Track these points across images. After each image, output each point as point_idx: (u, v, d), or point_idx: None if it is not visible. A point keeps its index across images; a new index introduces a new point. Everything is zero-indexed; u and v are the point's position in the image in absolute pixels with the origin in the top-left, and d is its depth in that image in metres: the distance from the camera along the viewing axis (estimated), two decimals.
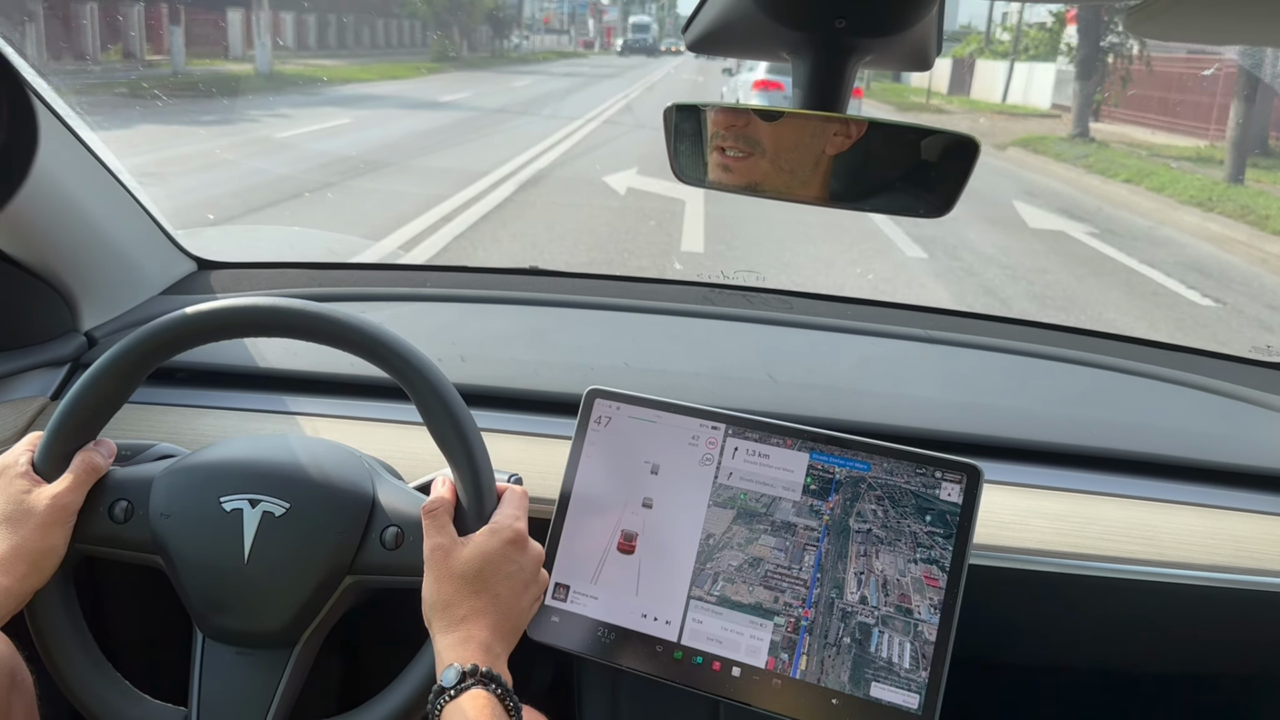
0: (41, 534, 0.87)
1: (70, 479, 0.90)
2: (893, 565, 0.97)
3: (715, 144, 0.80)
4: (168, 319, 0.93)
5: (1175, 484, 1.19)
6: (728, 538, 1.01)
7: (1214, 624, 1.16)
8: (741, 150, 0.79)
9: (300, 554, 0.92)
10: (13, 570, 0.85)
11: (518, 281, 1.60)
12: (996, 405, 1.36)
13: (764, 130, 0.77)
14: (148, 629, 1.32)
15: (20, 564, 0.86)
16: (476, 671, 0.81)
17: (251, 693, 0.93)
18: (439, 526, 0.90)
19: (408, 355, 0.92)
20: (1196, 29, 0.71)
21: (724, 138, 0.79)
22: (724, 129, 0.79)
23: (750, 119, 0.78)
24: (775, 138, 0.77)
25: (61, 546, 0.89)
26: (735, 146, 0.79)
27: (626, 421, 1.05)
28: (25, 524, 0.87)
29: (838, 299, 1.59)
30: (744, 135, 0.79)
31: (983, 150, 0.75)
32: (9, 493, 0.89)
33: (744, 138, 0.79)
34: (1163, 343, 1.52)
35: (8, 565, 0.85)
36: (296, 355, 1.32)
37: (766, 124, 0.77)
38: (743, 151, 0.79)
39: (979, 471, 0.97)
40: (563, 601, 1.02)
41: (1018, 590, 1.12)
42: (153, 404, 1.24)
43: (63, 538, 0.89)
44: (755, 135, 0.78)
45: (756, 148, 0.79)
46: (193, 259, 1.55)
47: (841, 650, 0.96)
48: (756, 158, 0.79)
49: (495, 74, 25.82)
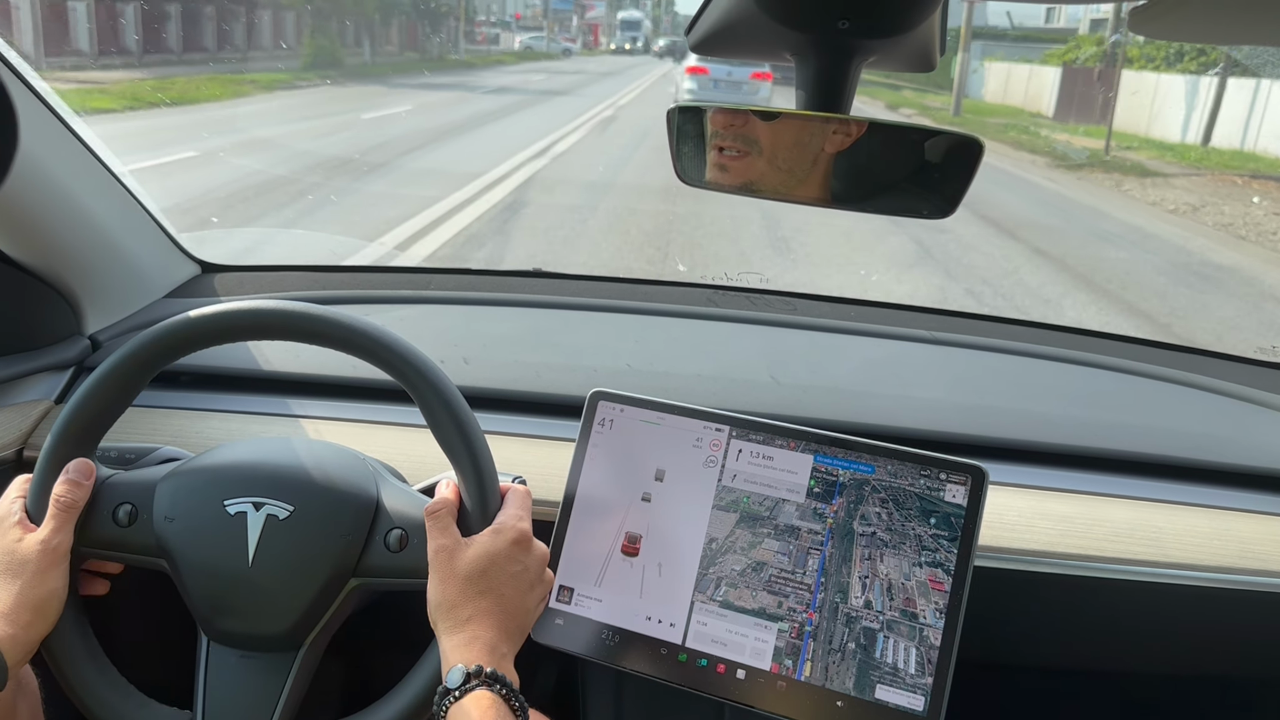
0: (39, 580, 0.88)
1: (53, 521, 0.90)
2: (897, 569, 0.96)
3: (714, 143, 0.80)
4: (172, 322, 0.93)
5: (1180, 485, 1.19)
6: (730, 542, 1.00)
7: (1219, 625, 1.15)
8: (738, 149, 0.79)
9: (304, 557, 0.92)
10: (18, 619, 0.86)
11: (521, 284, 1.60)
12: (1001, 406, 1.35)
13: (762, 129, 0.77)
14: (152, 632, 1.32)
15: (24, 613, 0.86)
16: (481, 672, 0.81)
17: (256, 696, 0.93)
18: (442, 528, 0.90)
19: (411, 358, 0.92)
20: (1200, 29, 0.71)
21: (722, 137, 0.79)
22: (722, 128, 0.79)
23: (748, 119, 0.78)
24: (773, 137, 0.77)
25: (62, 590, 0.89)
26: (732, 145, 0.79)
27: (630, 423, 1.05)
28: (22, 573, 0.87)
29: (841, 300, 1.58)
30: (741, 135, 0.78)
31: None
32: (3, 545, 0.89)
33: (741, 137, 0.79)
34: (1167, 343, 1.51)
35: (13, 615, 0.86)
36: (300, 358, 1.32)
37: (764, 123, 0.77)
38: (739, 150, 0.79)
39: (984, 473, 0.97)
40: (567, 604, 1.02)
41: (1023, 592, 1.12)
42: (157, 407, 1.24)
43: (61, 580, 0.89)
44: (752, 134, 0.78)
45: (754, 147, 0.78)
46: (196, 262, 1.55)
47: (846, 656, 0.95)
48: (753, 157, 0.79)
49: (390, 89, 17.78)
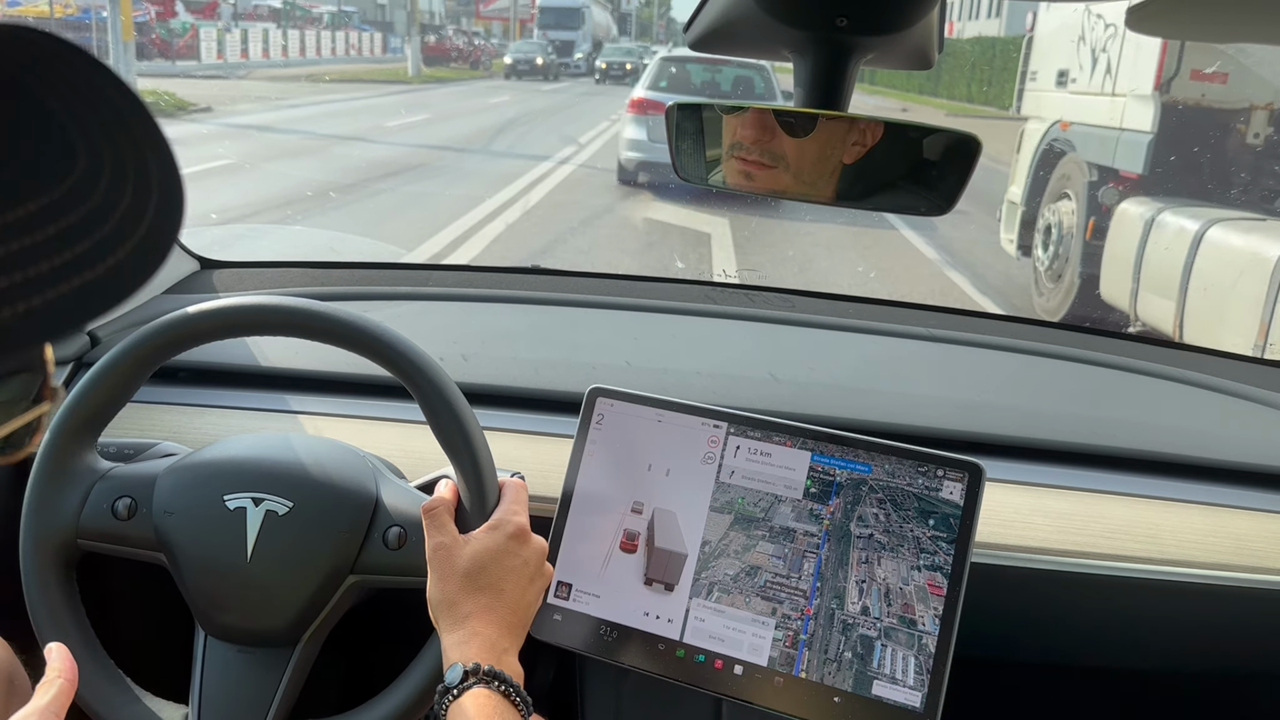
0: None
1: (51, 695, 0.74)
2: (895, 573, 0.95)
3: (736, 154, 0.80)
4: (170, 318, 0.94)
5: (1177, 482, 1.19)
6: (724, 545, 1.00)
7: (1214, 622, 1.16)
8: (766, 163, 0.80)
9: (303, 553, 0.93)
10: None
11: (520, 280, 1.61)
12: (998, 403, 1.36)
13: (789, 145, 0.78)
14: (149, 626, 1.32)
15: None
16: (479, 670, 0.81)
17: (253, 691, 0.93)
18: (439, 525, 0.90)
19: (410, 354, 0.93)
20: (1197, 27, 0.71)
21: (748, 150, 0.80)
22: (750, 142, 0.80)
23: (776, 133, 0.78)
24: (799, 153, 0.78)
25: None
26: (759, 161, 0.80)
27: (628, 420, 1.05)
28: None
29: (840, 297, 1.59)
30: (769, 150, 0.79)
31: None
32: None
33: (769, 152, 0.79)
34: (1165, 340, 1.52)
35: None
36: (299, 354, 1.32)
37: (792, 139, 0.78)
38: (767, 165, 0.80)
39: (981, 470, 0.97)
40: (565, 600, 1.02)
41: (1020, 589, 1.12)
42: (156, 403, 1.24)
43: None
44: (780, 150, 0.79)
45: (780, 162, 0.79)
46: (195, 258, 1.55)
47: (843, 665, 0.94)
48: (779, 171, 0.80)
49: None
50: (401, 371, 0.93)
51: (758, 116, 0.79)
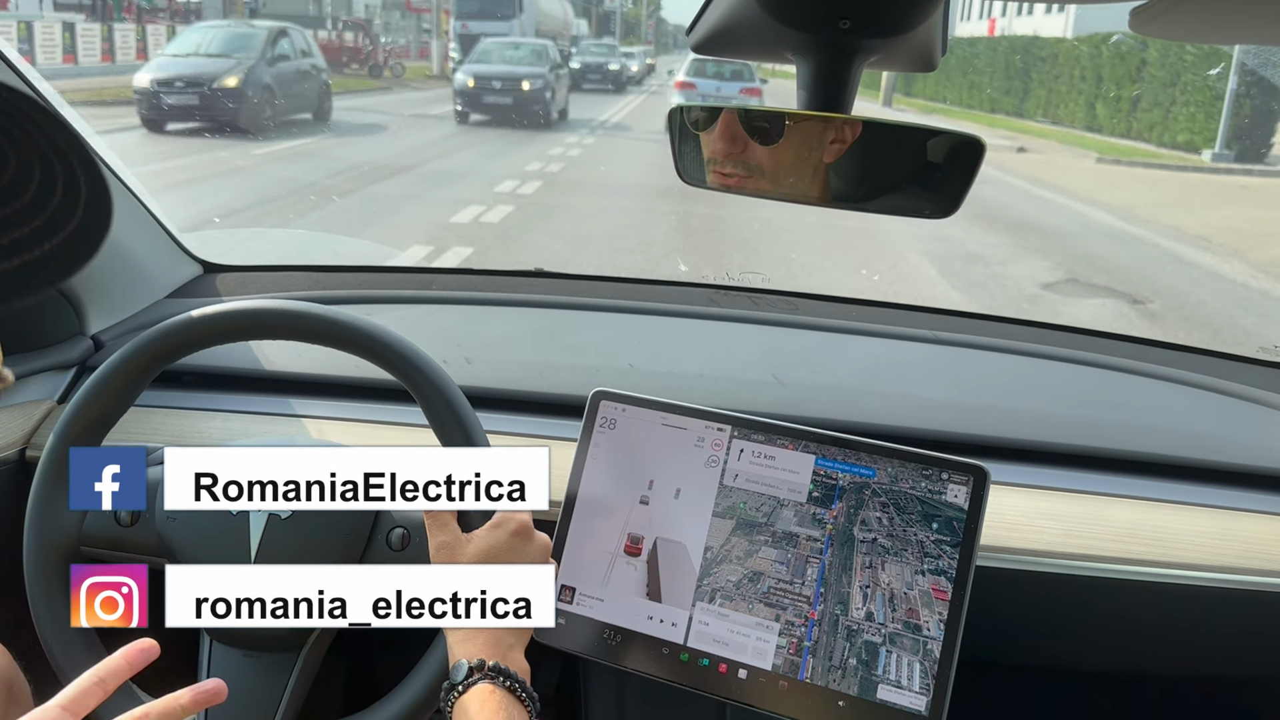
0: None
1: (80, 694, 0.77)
2: (899, 577, 0.95)
3: (713, 167, 0.79)
4: (174, 322, 0.94)
5: (1183, 485, 1.19)
6: (726, 550, 0.99)
7: (1221, 625, 1.15)
8: (741, 174, 0.79)
9: (306, 557, 0.92)
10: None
11: (523, 284, 1.61)
12: (1003, 406, 1.35)
13: (761, 154, 0.77)
14: (153, 630, 1.32)
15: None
16: (484, 666, 0.81)
17: (259, 695, 0.93)
18: (441, 525, 0.90)
19: (413, 357, 0.92)
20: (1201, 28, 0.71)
21: (720, 164, 0.79)
22: (721, 156, 0.78)
23: (747, 144, 0.76)
24: (774, 160, 0.77)
25: None
26: (735, 173, 0.79)
27: (632, 423, 1.05)
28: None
29: (843, 300, 1.58)
30: (740, 161, 0.78)
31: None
32: None
33: (742, 163, 0.78)
34: (1170, 343, 1.51)
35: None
36: (302, 358, 1.32)
37: (763, 147, 0.76)
38: (743, 176, 0.79)
39: (985, 473, 0.97)
40: (569, 604, 1.02)
41: (1025, 592, 1.11)
42: (159, 407, 1.24)
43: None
44: (753, 159, 0.77)
45: (756, 171, 0.78)
46: (198, 262, 1.55)
47: (848, 671, 0.93)
48: (755, 179, 0.79)
49: None
50: (405, 375, 0.93)
51: (726, 129, 0.77)
